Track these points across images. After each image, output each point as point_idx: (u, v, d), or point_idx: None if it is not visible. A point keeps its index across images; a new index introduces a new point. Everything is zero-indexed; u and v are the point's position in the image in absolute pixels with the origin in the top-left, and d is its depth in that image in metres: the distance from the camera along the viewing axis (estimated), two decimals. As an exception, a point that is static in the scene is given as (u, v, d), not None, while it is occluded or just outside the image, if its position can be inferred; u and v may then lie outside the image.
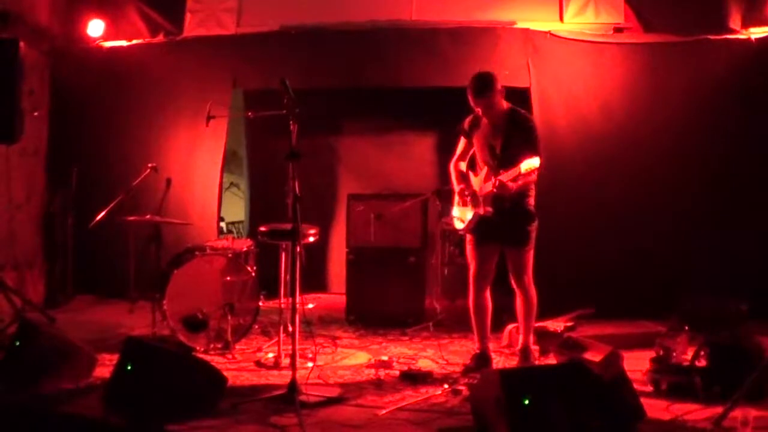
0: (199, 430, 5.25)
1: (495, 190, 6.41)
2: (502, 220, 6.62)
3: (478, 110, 6.64)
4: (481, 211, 6.64)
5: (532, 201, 6.75)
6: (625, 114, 9.12)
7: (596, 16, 9.56)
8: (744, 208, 8.84)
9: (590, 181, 8.96)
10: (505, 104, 6.73)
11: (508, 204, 6.59)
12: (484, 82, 6.60)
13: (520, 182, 6.42)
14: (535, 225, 6.72)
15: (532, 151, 6.36)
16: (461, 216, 6.90)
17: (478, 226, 6.75)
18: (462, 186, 6.85)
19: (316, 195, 10.32)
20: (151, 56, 10.22)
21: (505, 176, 6.35)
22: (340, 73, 9.89)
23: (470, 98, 6.62)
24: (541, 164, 6.29)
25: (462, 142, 6.99)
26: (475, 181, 6.80)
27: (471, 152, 6.97)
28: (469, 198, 6.79)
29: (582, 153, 9.01)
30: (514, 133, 6.59)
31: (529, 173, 6.31)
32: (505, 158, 6.52)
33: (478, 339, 6.92)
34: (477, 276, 6.82)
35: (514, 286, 6.76)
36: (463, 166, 6.99)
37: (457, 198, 6.98)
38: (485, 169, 6.67)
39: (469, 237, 6.89)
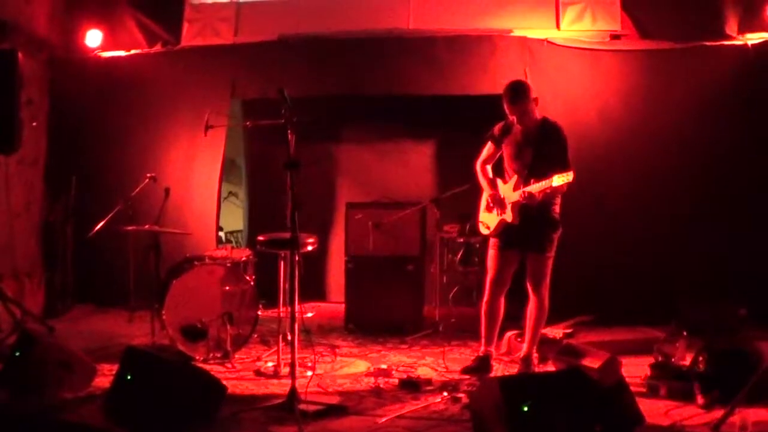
0: (199, 439, 5.27)
1: (522, 200, 6.55)
2: (527, 227, 6.70)
3: (513, 118, 6.75)
4: (508, 219, 6.72)
5: (557, 209, 6.82)
6: (622, 120, 9.13)
7: (593, 23, 9.58)
8: (742, 213, 8.84)
9: (588, 186, 8.91)
10: (537, 114, 6.83)
11: (535, 212, 6.66)
12: (519, 90, 6.74)
13: (550, 191, 6.51)
14: (558, 233, 6.82)
15: (563, 164, 6.50)
16: (487, 221, 6.97)
17: (503, 231, 6.82)
18: (492, 192, 6.92)
19: (315, 204, 10.31)
20: (149, 66, 10.23)
21: (535, 187, 6.48)
22: (338, 81, 9.89)
23: (506, 105, 6.74)
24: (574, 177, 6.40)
25: (489, 147, 7.07)
26: (504, 188, 6.88)
27: (496, 158, 7.07)
28: (494, 205, 6.86)
29: (580, 159, 8.90)
30: (546, 143, 6.70)
31: (560, 187, 6.43)
32: (535, 168, 6.62)
33: (485, 342, 6.97)
34: (495, 281, 6.88)
35: (531, 292, 6.82)
36: (489, 169, 7.08)
37: (484, 203, 7.06)
38: (515, 178, 6.75)
39: (492, 241, 6.95)
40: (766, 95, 8.85)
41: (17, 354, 6.15)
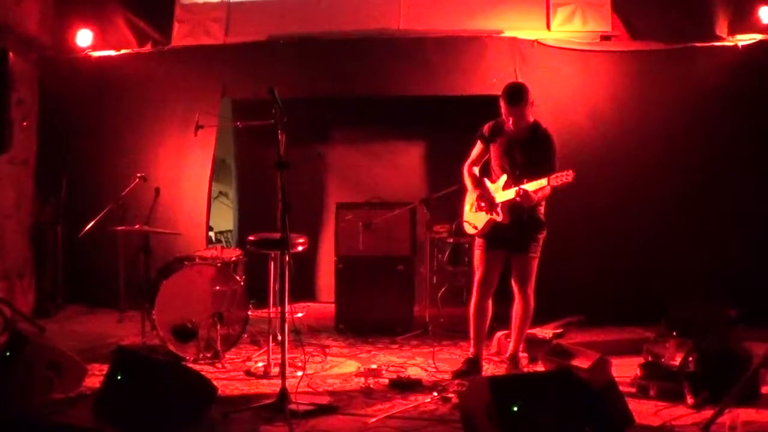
0: (189, 439, 5.26)
1: (518, 198, 6.47)
2: (514, 228, 6.69)
3: (510, 119, 6.66)
4: (499, 219, 6.69)
5: (542, 210, 6.82)
6: (613, 121, 9.15)
7: (583, 24, 9.59)
8: (732, 214, 8.87)
9: (578, 188, 8.90)
10: (531, 118, 6.78)
11: (523, 213, 6.66)
12: (520, 93, 6.66)
13: (540, 195, 6.52)
14: (544, 233, 6.81)
15: (549, 167, 6.48)
16: (474, 221, 6.92)
17: (490, 231, 6.80)
18: (479, 191, 6.87)
19: (305, 204, 10.30)
20: (139, 66, 10.21)
21: (530, 186, 6.42)
22: (328, 82, 9.89)
23: (503, 107, 6.65)
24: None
25: (478, 147, 7.02)
26: (492, 188, 6.84)
27: (484, 159, 7.03)
28: (484, 204, 6.81)
29: (570, 161, 8.85)
30: (536, 148, 6.67)
31: (559, 186, 6.38)
32: (525, 170, 6.59)
33: (474, 344, 6.94)
34: (483, 282, 6.86)
35: (516, 293, 6.81)
36: (476, 171, 7.04)
37: (469, 203, 7.02)
38: (504, 177, 6.72)
39: (479, 242, 6.93)
40: (756, 96, 8.89)
41: (7, 354, 6.14)
